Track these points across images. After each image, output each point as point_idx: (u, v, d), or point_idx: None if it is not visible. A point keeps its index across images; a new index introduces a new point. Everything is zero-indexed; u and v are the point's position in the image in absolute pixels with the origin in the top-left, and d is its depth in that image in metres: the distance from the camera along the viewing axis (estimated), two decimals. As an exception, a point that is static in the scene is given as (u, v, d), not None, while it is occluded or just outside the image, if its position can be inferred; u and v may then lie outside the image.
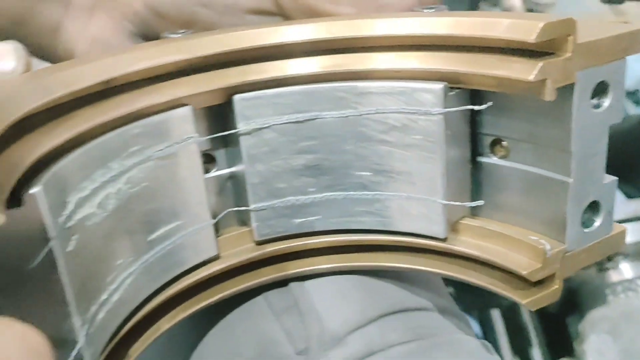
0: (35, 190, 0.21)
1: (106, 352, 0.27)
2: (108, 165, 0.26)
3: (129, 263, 0.28)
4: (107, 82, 0.26)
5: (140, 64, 0.28)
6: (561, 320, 0.91)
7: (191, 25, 0.35)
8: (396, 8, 0.34)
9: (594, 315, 0.71)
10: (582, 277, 0.85)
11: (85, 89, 0.25)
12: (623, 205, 0.82)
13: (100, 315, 0.26)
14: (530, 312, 0.92)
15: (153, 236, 0.29)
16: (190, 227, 0.31)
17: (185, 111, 0.30)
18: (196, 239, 0.32)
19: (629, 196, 0.88)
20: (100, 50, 0.38)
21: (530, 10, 1.09)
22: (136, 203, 0.28)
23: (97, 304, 0.26)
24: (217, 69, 0.31)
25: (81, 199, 0.25)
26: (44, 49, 0.38)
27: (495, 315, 0.99)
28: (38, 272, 0.22)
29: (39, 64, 0.39)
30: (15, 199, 0.21)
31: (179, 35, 0.32)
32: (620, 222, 0.80)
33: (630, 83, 1.15)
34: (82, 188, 0.25)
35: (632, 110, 1.01)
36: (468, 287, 0.35)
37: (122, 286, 0.27)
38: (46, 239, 0.22)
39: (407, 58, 0.31)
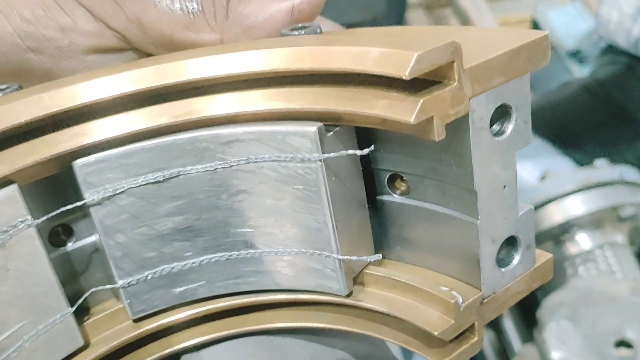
0: None
1: None
2: None
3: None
4: None
5: None
6: (532, 294, 0.88)
7: (25, 75, 0.29)
8: (265, 29, 0.29)
9: (552, 301, 0.68)
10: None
11: None
12: (574, 175, 0.79)
13: None
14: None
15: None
16: (40, 324, 0.26)
17: (8, 192, 0.24)
18: (52, 334, 0.27)
19: (580, 163, 0.85)
20: None
21: None
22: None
23: None
24: (44, 134, 0.25)
25: None
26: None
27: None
28: None
29: None
30: None
31: (1, 93, 0.26)
32: (572, 193, 0.78)
33: (571, 42, 1.11)
34: None
35: (576, 70, 0.98)
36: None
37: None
38: None
39: (275, 96, 0.26)
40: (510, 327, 0.88)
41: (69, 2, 0.28)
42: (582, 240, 0.78)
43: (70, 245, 0.29)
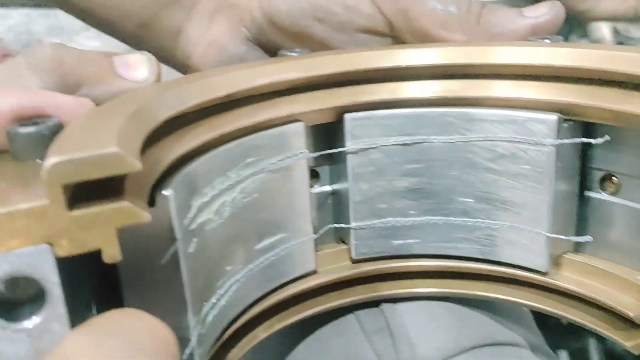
0: (167, 192, 0.22)
1: (210, 355, 0.28)
2: (227, 174, 0.27)
3: (237, 270, 0.29)
4: (231, 95, 0.28)
5: (261, 80, 0.29)
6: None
7: (303, 39, 0.36)
8: (508, 38, 0.34)
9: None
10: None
11: (212, 100, 0.27)
12: None
13: (209, 318, 0.26)
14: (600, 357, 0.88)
15: (260, 245, 0.30)
16: (293, 240, 0.32)
17: (298, 127, 0.31)
18: (298, 252, 0.32)
19: None
20: (216, 52, 0.39)
21: (620, 43, 1.06)
22: (248, 213, 0.29)
23: (208, 306, 0.26)
24: (331, 87, 0.31)
25: (202, 204, 0.26)
26: (163, 51, 0.40)
27: (563, 357, 0.95)
28: (163, 270, 0.23)
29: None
30: (148, 199, 0.22)
31: (296, 53, 0.33)
32: None
33: None
34: (203, 194, 0.26)
35: None
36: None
37: (229, 292, 0.28)
38: (173, 239, 0.23)
39: (523, 87, 0.31)
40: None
41: None
42: None
43: (315, 189, 0.34)
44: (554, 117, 0.30)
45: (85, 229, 0.18)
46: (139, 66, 0.29)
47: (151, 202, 0.22)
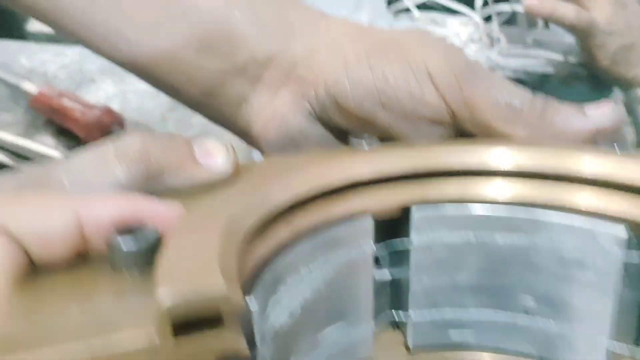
0: (251, 302, 0.23)
1: None
2: (299, 270, 0.28)
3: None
4: (322, 188, 0.28)
5: (360, 173, 0.29)
6: None
7: (366, 122, 0.36)
8: (571, 137, 0.34)
9: None
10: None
11: (293, 200, 0.27)
12: None
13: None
14: None
15: (319, 334, 0.31)
16: (352, 328, 0.32)
17: (367, 222, 0.31)
18: (354, 341, 0.32)
19: None
20: (277, 124, 0.40)
21: None
22: (316, 307, 0.29)
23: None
24: (399, 181, 0.32)
25: (274, 301, 0.26)
26: (224, 119, 0.41)
27: None
28: None
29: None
30: None
31: (366, 145, 0.33)
32: None
33: None
34: (277, 291, 0.26)
35: None
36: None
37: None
38: (253, 344, 0.23)
39: (598, 197, 0.31)
40: None
41: (424, 77, 0.35)
42: None
43: (376, 275, 0.35)
44: (624, 235, 0.30)
45: (189, 358, 0.18)
46: (217, 154, 0.29)
47: None
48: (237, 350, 0.19)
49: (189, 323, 0.19)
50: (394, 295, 0.35)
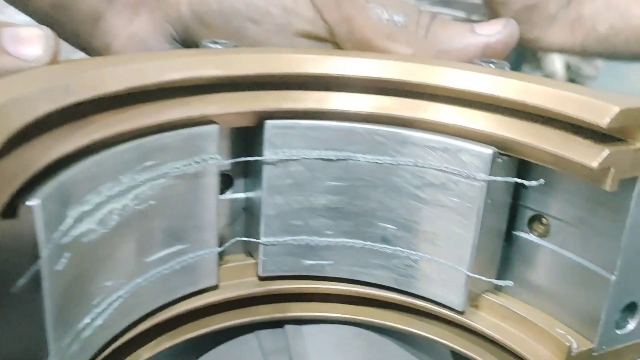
0: (32, 202, 0.19)
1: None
2: (119, 179, 0.24)
3: (120, 285, 0.25)
4: (134, 89, 0.24)
5: (173, 74, 0.25)
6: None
7: (237, 40, 0.32)
8: (456, 56, 0.31)
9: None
10: None
11: (109, 94, 0.23)
12: None
13: (76, 344, 0.23)
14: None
15: (153, 258, 0.27)
16: (193, 253, 0.29)
17: (211, 130, 0.27)
18: (198, 265, 0.29)
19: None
20: (136, 47, 0.35)
21: (572, 80, 1.06)
22: (139, 222, 0.26)
23: (78, 329, 0.23)
24: (253, 89, 0.28)
25: (82, 214, 0.22)
26: (80, 37, 0.36)
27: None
28: (20, 290, 0.19)
29: (72, 53, 0.37)
30: (11, 208, 0.19)
31: (219, 46, 0.29)
32: None
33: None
34: (85, 201, 0.22)
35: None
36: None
37: (108, 310, 0.25)
38: (35, 257, 0.19)
39: (462, 114, 0.28)
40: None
41: None
42: None
43: (227, 195, 0.31)
44: (489, 151, 0.27)
45: None
46: (32, 42, 0.24)
47: (12, 213, 0.19)
48: None
49: None
50: (248, 219, 0.32)
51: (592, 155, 0.25)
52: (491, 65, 0.30)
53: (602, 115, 0.24)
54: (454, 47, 0.31)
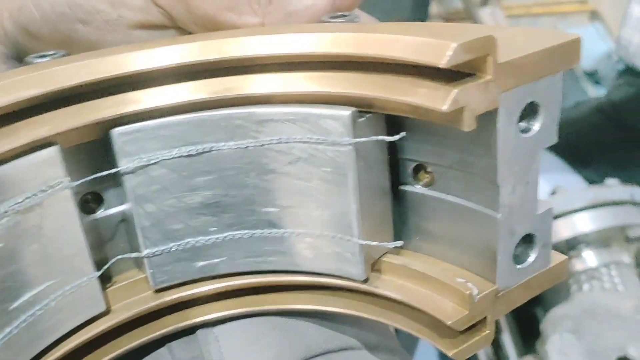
0: None
1: None
2: None
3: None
4: None
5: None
6: (529, 309, 0.89)
7: (70, 46, 0.30)
8: (306, 15, 0.29)
9: (556, 314, 0.68)
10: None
11: None
12: (584, 192, 0.79)
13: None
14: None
15: (15, 304, 0.25)
16: (66, 285, 0.27)
17: (50, 153, 0.25)
18: (76, 296, 0.27)
19: (590, 181, 0.85)
20: None
21: None
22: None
23: None
24: (88, 100, 0.26)
25: None
26: None
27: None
28: None
29: None
30: None
31: (48, 58, 0.27)
32: (582, 210, 0.78)
33: (589, 63, 1.12)
34: None
35: (592, 91, 0.98)
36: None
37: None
38: None
39: (314, 79, 0.26)
40: (508, 341, 0.88)
41: None
42: (589, 258, 0.78)
43: (99, 214, 0.29)
44: (346, 112, 0.26)
45: None
46: None
47: None
48: None
49: None
50: (128, 232, 0.30)
51: (440, 98, 0.23)
52: (341, 20, 0.28)
53: (440, 54, 0.22)
54: (301, 6, 0.29)
